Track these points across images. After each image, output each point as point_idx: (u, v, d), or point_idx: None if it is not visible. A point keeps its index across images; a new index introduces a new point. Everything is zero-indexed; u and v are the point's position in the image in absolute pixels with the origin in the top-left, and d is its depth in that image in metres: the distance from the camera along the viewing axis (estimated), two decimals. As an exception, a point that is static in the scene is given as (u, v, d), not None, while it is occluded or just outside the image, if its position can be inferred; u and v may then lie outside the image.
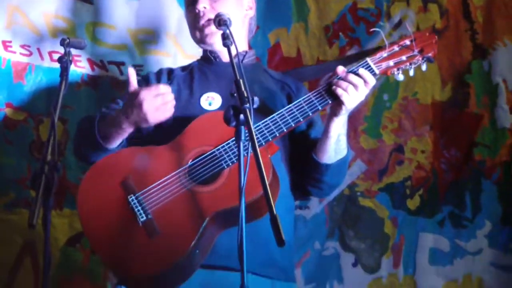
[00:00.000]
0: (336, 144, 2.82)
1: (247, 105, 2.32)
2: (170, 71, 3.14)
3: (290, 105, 2.77)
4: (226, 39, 2.61)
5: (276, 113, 2.75)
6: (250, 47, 3.21)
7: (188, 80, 3.07)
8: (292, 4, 3.86)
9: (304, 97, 2.76)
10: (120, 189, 2.76)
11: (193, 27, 3.08)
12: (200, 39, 3.06)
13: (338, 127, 2.79)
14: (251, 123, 2.30)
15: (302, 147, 2.95)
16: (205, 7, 3.00)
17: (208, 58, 3.11)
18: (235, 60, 2.47)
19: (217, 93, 2.96)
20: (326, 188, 3.00)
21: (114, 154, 2.86)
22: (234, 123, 2.34)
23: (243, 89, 2.36)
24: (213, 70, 3.08)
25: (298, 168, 2.98)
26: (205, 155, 2.73)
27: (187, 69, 3.14)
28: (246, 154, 2.35)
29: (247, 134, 2.32)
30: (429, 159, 3.79)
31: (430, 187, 3.79)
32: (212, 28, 2.91)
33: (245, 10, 3.12)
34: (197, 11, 3.01)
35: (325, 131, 2.81)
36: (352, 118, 3.72)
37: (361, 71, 2.72)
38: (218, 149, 2.72)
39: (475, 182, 3.75)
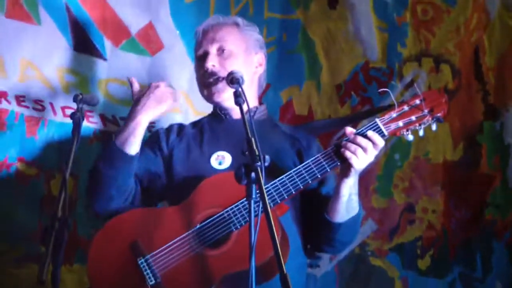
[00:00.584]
0: (347, 203, 2.83)
1: (259, 163, 2.33)
2: (181, 127, 3.15)
3: (299, 166, 2.76)
4: (239, 97, 2.61)
5: (285, 174, 2.75)
6: (260, 102, 3.21)
7: (198, 138, 3.07)
8: (304, 61, 3.87)
9: (313, 158, 2.76)
10: (129, 251, 2.77)
11: (201, 83, 3.10)
12: (208, 97, 3.08)
13: (349, 187, 2.79)
14: (263, 181, 2.30)
15: (314, 204, 2.95)
16: (213, 65, 3.02)
17: (218, 115, 3.11)
18: (246, 117, 2.48)
19: (227, 152, 2.96)
20: (339, 245, 3.01)
21: (124, 215, 2.87)
22: (245, 182, 2.34)
23: (254, 147, 2.37)
24: (224, 127, 3.08)
25: (310, 226, 2.97)
26: (214, 217, 2.74)
27: (197, 126, 3.15)
28: (255, 216, 2.35)
29: (258, 193, 2.31)
30: (440, 219, 3.78)
31: (440, 247, 3.77)
32: (220, 86, 2.95)
33: (255, 67, 3.13)
34: (205, 68, 3.03)
35: (336, 191, 2.82)
36: (364, 177, 3.71)
37: (370, 133, 2.71)
38: (227, 211, 2.73)
39: (485, 243, 3.73)
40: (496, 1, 3.76)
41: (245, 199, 2.63)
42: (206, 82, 3.04)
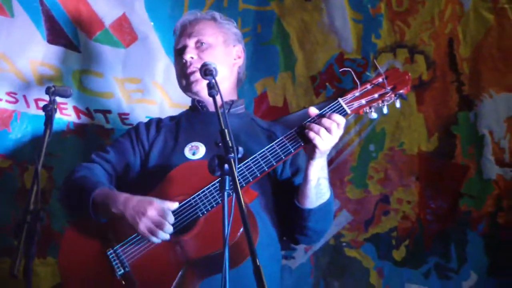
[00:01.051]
0: (316, 188, 2.81)
1: (232, 155, 2.32)
2: (159, 121, 3.15)
3: (264, 149, 2.76)
4: (212, 89, 2.60)
5: (250, 158, 2.75)
6: (238, 97, 3.21)
7: (175, 130, 3.08)
8: (279, 53, 3.87)
9: (277, 140, 2.76)
10: (99, 243, 2.78)
11: (180, 75, 3.11)
12: (186, 87, 3.08)
13: (317, 170, 2.78)
14: (236, 173, 2.29)
15: (287, 194, 2.94)
16: (192, 57, 3.03)
17: (196, 107, 3.12)
18: (220, 110, 2.47)
19: (202, 143, 2.97)
20: (312, 234, 2.99)
21: None
22: (218, 173, 2.32)
23: (228, 138, 2.36)
24: (200, 119, 3.09)
25: (284, 217, 2.97)
26: (181, 204, 2.74)
27: (175, 119, 3.15)
28: (220, 201, 2.38)
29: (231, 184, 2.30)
30: (415, 209, 3.78)
31: (416, 238, 3.77)
32: (197, 75, 2.93)
33: (233, 59, 3.14)
34: (184, 61, 3.03)
35: (305, 175, 2.81)
36: (338, 168, 3.77)
37: (333, 115, 2.69)
38: (194, 197, 2.73)
39: (460, 233, 3.72)
40: (471, -8, 3.78)
41: (210, 185, 2.70)
42: (185, 73, 3.04)
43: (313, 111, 2.75)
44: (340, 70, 2.88)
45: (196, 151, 2.95)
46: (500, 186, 3.67)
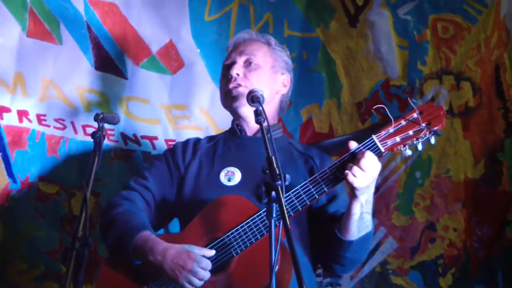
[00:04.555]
0: (358, 222, 2.78)
1: (279, 182, 2.31)
2: (197, 142, 3.14)
3: (306, 181, 2.73)
4: (259, 116, 2.60)
5: (292, 191, 2.71)
6: (278, 120, 3.21)
7: (211, 154, 3.07)
8: (324, 80, 3.87)
9: (311, 178, 2.73)
10: (134, 279, 2.77)
11: (223, 90, 3.10)
12: (226, 101, 3.08)
13: (360, 206, 2.74)
14: (283, 200, 2.28)
15: (320, 222, 2.93)
16: (238, 74, 3.03)
17: (234, 130, 3.11)
18: (267, 136, 2.47)
19: (237, 168, 2.95)
20: (348, 264, 2.95)
21: None
22: (265, 200, 2.32)
23: (275, 166, 2.36)
24: (237, 143, 3.08)
25: (319, 244, 2.95)
26: (215, 243, 2.72)
27: (213, 140, 3.15)
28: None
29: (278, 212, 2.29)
30: (461, 237, 3.75)
31: (462, 265, 3.74)
32: (240, 90, 2.96)
33: (278, 86, 3.13)
34: (229, 76, 3.04)
35: (348, 210, 2.77)
36: (384, 195, 3.75)
37: (366, 153, 2.65)
38: (228, 235, 2.71)
39: (507, 261, 3.70)
40: (517, 19, 3.77)
41: (245, 223, 2.68)
42: (228, 88, 3.04)
43: (352, 145, 2.74)
44: (373, 107, 2.87)
45: (231, 177, 2.94)
46: (547, 214, 3.66)
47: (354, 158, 2.68)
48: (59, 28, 3.67)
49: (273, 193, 2.31)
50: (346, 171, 2.65)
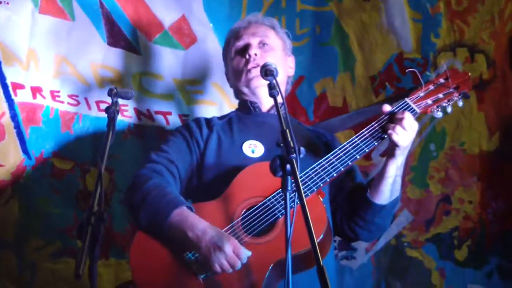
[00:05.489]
0: (392, 185, 2.84)
1: (294, 155, 2.31)
2: (208, 120, 3.15)
3: (336, 150, 2.78)
4: (273, 89, 2.61)
5: (324, 158, 2.77)
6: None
7: (228, 129, 3.08)
8: (338, 54, 3.87)
9: (349, 141, 2.79)
10: (171, 249, 2.74)
11: (239, 71, 3.12)
12: (244, 82, 3.09)
13: (396, 168, 2.81)
14: (298, 173, 2.28)
15: (347, 192, 2.99)
16: (256, 54, 3.06)
17: (247, 107, 3.13)
18: (281, 110, 2.48)
19: (259, 141, 2.97)
20: (375, 230, 3.00)
21: None
22: (280, 173, 2.32)
23: (289, 139, 2.35)
24: (252, 119, 3.10)
25: (343, 214, 2.98)
26: (257, 206, 2.73)
27: (225, 118, 3.16)
28: (293, 206, 2.34)
29: (293, 184, 2.30)
30: (477, 209, 3.76)
31: (477, 238, 3.75)
32: (258, 71, 2.93)
33: (288, 68, 3.20)
34: (248, 56, 3.06)
35: (383, 173, 2.83)
36: (399, 167, 3.74)
37: (405, 112, 2.74)
38: (270, 199, 2.73)
39: (523, 233, 3.72)
40: (531, -10, 3.76)
41: None
42: (245, 69, 3.07)
43: (386, 108, 2.78)
44: (406, 70, 2.91)
45: (255, 149, 2.96)
46: None
47: (393, 119, 2.75)
48: (72, 5, 3.65)
49: (288, 166, 2.30)
50: (390, 131, 2.71)
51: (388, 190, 2.83)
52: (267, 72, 2.67)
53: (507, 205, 3.73)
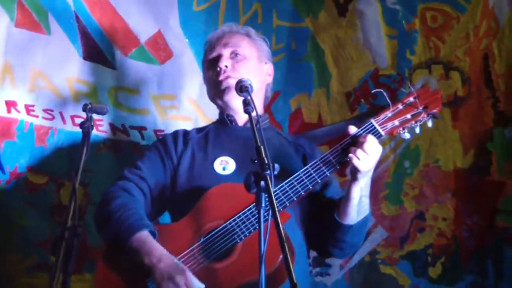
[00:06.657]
0: (358, 206, 2.82)
1: (268, 172, 2.30)
2: (186, 133, 3.13)
3: (299, 172, 2.76)
4: (248, 106, 2.61)
5: (293, 176, 2.75)
6: (264, 111, 3.22)
7: (203, 143, 3.07)
8: (313, 70, 3.87)
9: (312, 163, 2.77)
10: (138, 270, 2.73)
11: (210, 84, 3.12)
12: (216, 94, 3.08)
13: (359, 189, 2.78)
14: (272, 190, 2.27)
15: (319, 208, 2.95)
16: (226, 66, 3.04)
17: (224, 121, 3.12)
18: (258, 124, 2.48)
19: (231, 157, 2.96)
20: (347, 248, 2.98)
21: None
22: (254, 190, 2.31)
23: (263, 155, 2.35)
24: (228, 133, 3.09)
25: (317, 229, 2.96)
26: (217, 230, 2.72)
27: (203, 131, 3.14)
28: (257, 227, 2.33)
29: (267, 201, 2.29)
30: (451, 226, 3.75)
31: (451, 254, 3.74)
32: (229, 82, 2.97)
33: (264, 76, 3.16)
34: (218, 68, 3.04)
35: (347, 194, 2.80)
36: (373, 184, 3.64)
37: (367, 136, 2.70)
38: (230, 222, 2.72)
39: (497, 250, 3.70)
40: (506, 9, 3.75)
41: (247, 209, 2.68)
42: (216, 81, 3.05)
43: (352, 129, 2.77)
44: (373, 91, 2.90)
45: (226, 166, 2.94)
46: (537, 203, 3.65)
47: (356, 142, 2.72)
48: (48, 19, 3.65)
49: (262, 182, 2.29)
50: (350, 155, 2.69)
51: (354, 211, 2.81)
52: (242, 88, 2.68)
53: (482, 222, 3.73)
